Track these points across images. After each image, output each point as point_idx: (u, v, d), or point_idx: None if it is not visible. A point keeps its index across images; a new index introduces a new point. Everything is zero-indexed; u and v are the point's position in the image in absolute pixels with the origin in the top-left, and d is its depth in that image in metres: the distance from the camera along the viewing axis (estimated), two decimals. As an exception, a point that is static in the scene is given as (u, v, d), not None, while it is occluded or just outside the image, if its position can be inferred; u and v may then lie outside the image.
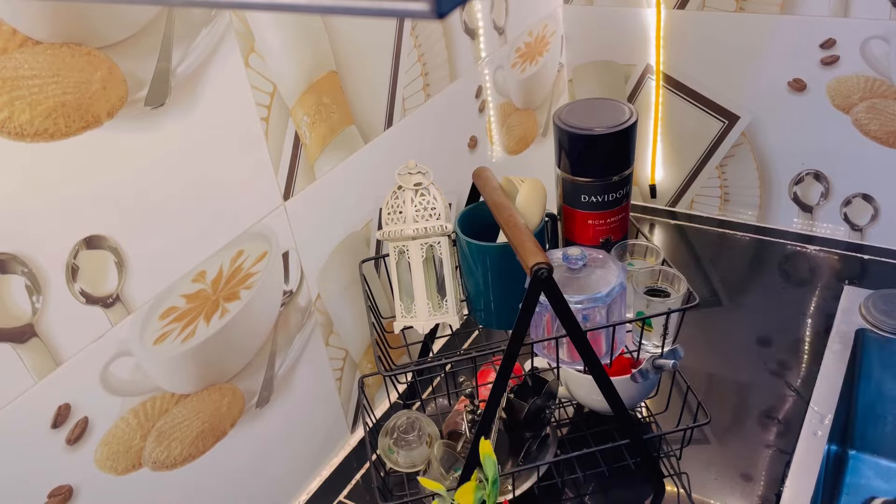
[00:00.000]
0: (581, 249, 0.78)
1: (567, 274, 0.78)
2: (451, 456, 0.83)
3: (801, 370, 1.02)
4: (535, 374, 0.88)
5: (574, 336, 0.71)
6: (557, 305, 0.68)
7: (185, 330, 0.74)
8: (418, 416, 0.88)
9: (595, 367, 0.74)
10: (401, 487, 0.90)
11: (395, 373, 0.81)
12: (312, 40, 0.82)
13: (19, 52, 0.55)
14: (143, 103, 0.65)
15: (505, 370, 0.72)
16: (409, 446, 0.86)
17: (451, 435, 0.88)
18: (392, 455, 0.86)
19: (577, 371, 0.89)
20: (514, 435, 0.87)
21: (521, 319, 0.68)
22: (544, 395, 0.84)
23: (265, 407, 0.87)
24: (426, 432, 0.86)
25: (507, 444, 0.87)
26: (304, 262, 0.88)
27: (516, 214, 0.74)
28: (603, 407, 0.82)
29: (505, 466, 0.86)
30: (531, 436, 0.86)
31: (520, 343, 0.70)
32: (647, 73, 1.29)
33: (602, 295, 0.76)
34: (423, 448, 0.86)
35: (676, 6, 1.19)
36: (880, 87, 1.10)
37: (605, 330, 0.78)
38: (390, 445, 0.86)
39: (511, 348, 0.70)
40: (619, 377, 0.84)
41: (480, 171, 0.84)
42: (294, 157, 0.82)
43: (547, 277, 0.65)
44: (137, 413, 0.71)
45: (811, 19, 1.10)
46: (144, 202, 0.68)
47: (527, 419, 0.84)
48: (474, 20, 1.08)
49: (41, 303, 0.61)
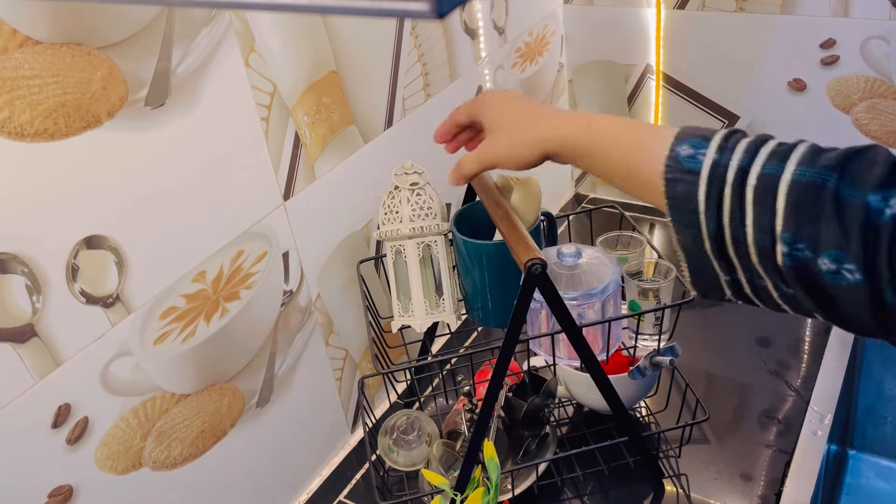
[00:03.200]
0: (576, 246, 0.79)
1: (562, 271, 0.78)
2: (451, 455, 0.83)
3: (801, 370, 1.02)
4: (534, 372, 0.88)
5: (569, 331, 0.71)
6: (551, 301, 0.68)
7: (185, 330, 0.74)
8: (418, 415, 0.88)
9: (591, 363, 0.74)
10: (400, 487, 0.90)
11: (392, 371, 0.81)
12: (312, 40, 0.82)
13: (19, 52, 0.55)
14: (144, 103, 0.65)
15: (500, 367, 0.72)
16: (408, 446, 0.86)
17: (451, 434, 0.88)
18: (392, 454, 0.86)
19: (574, 368, 0.89)
20: (513, 434, 0.87)
21: (515, 316, 0.69)
22: (543, 393, 0.84)
23: (265, 407, 0.87)
24: (426, 431, 0.87)
25: (506, 442, 0.87)
26: (304, 262, 0.88)
27: (511, 212, 0.74)
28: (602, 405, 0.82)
29: (504, 465, 0.86)
30: (530, 434, 0.86)
31: (515, 340, 0.70)
32: (647, 73, 1.29)
33: (597, 291, 0.76)
34: (422, 447, 0.86)
35: (676, 6, 1.19)
36: (880, 87, 1.10)
37: (600, 326, 0.78)
38: (390, 445, 0.86)
39: (506, 345, 0.70)
40: (617, 375, 0.84)
41: None
42: (294, 157, 0.82)
43: (541, 273, 0.66)
44: (137, 413, 0.71)
45: (811, 19, 1.10)
46: (144, 202, 0.68)
47: (525, 418, 0.84)
48: (474, 20, 1.08)
49: (41, 303, 0.61)
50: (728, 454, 0.92)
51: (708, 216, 0.52)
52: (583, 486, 0.90)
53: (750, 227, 0.50)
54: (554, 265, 0.78)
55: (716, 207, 0.51)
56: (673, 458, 0.92)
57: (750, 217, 0.50)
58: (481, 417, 0.74)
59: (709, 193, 0.52)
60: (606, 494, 0.89)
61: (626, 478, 0.89)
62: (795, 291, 0.50)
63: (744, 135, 0.53)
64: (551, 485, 0.87)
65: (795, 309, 0.52)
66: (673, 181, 0.53)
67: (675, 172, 0.53)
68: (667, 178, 0.54)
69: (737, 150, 0.51)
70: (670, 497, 0.87)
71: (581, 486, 0.90)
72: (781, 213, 0.48)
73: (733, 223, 0.51)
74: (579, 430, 0.95)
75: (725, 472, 0.89)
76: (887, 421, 1.17)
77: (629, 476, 0.89)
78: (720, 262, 0.53)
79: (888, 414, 1.16)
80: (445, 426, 0.89)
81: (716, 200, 0.51)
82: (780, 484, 0.87)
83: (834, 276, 0.47)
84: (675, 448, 0.92)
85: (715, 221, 0.52)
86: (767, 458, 0.91)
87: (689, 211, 0.53)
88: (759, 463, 0.90)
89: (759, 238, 0.50)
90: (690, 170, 0.53)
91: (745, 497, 0.86)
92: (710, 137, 0.53)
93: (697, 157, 0.53)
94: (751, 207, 0.50)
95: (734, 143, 0.52)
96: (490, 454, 0.72)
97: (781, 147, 0.51)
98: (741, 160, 0.51)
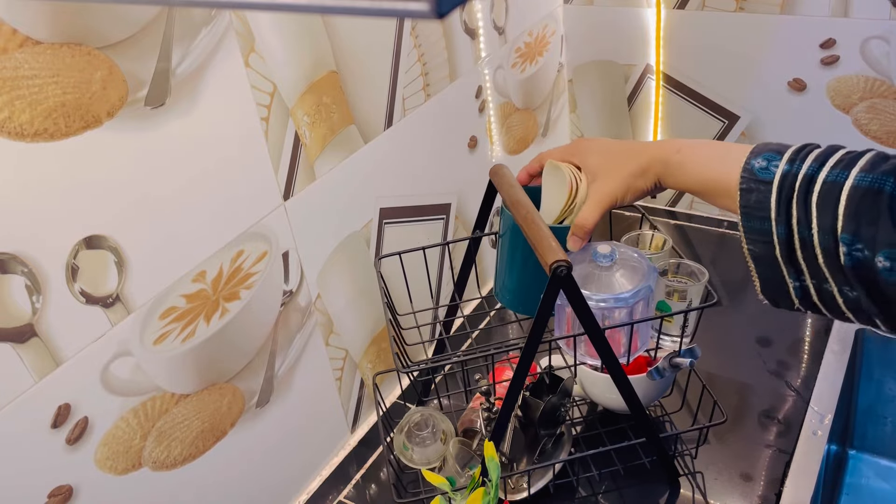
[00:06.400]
0: (611, 246, 0.76)
1: (595, 271, 0.76)
2: (467, 453, 0.83)
3: (801, 370, 1.02)
4: (551, 372, 0.88)
5: (592, 334, 0.71)
6: (576, 304, 0.68)
7: (185, 330, 0.74)
8: (432, 412, 0.88)
9: (613, 367, 0.74)
10: (415, 485, 0.90)
11: (412, 369, 0.81)
12: (312, 40, 0.82)
13: (19, 52, 0.55)
14: (143, 103, 0.65)
15: (523, 367, 0.71)
16: (423, 443, 0.86)
17: (467, 433, 0.88)
18: (406, 451, 0.86)
19: (593, 368, 0.88)
20: (530, 433, 0.87)
21: (539, 317, 0.68)
22: (559, 393, 0.83)
23: (265, 407, 0.87)
24: (440, 429, 0.87)
25: (522, 441, 0.86)
26: (304, 262, 0.88)
27: (534, 211, 0.73)
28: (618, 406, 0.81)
29: (520, 464, 0.86)
30: (546, 434, 0.86)
31: (538, 341, 0.69)
32: (647, 73, 1.29)
33: (627, 296, 0.73)
34: (437, 444, 0.86)
35: (676, 6, 1.19)
36: (880, 87, 1.10)
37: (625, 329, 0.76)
38: (404, 442, 0.86)
39: (529, 345, 0.70)
40: (636, 375, 0.83)
41: (497, 169, 0.84)
42: (294, 156, 0.82)
43: (566, 276, 0.65)
44: (137, 413, 0.71)
45: (811, 19, 1.10)
46: (144, 202, 0.68)
47: (542, 417, 0.83)
48: (474, 20, 1.08)
49: (41, 303, 0.61)
50: (728, 454, 0.92)
51: (778, 221, 0.57)
52: (598, 485, 0.90)
53: (815, 229, 0.55)
54: (588, 264, 0.76)
55: (785, 213, 0.57)
56: (688, 457, 0.91)
57: (815, 220, 0.55)
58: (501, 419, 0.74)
59: (779, 200, 0.57)
60: (621, 493, 0.89)
61: (641, 477, 0.89)
62: (858, 293, 0.54)
63: (815, 147, 0.59)
64: (566, 484, 0.87)
65: (859, 315, 0.57)
66: (747, 191, 0.59)
67: (750, 182, 0.59)
68: (742, 188, 0.59)
69: (807, 161, 0.57)
70: (685, 497, 0.87)
71: (596, 485, 0.90)
72: (842, 216, 0.53)
73: (801, 227, 0.56)
74: (594, 429, 0.95)
75: (725, 472, 0.89)
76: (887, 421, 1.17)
77: (644, 475, 0.89)
78: (789, 268, 0.58)
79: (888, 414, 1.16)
80: (461, 424, 0.89)
81: (785, 206, 0.57)
82: (780, 484, 0.87)
83: (889, 272, 0.52)
84: (691, 449, 0.92)
85: (784, 226, 0.57)
86: (767, 458, 0.90)
87: (761, 218, 0.58)
88: (759, 463, 0.90)
89: (823, 239, 0.55)
90: (763, 180, 0.58)
91: (745, 497, 0.86)
92: (783, 151, 0.59)
93: (770, 168, 0.58)
94: (815, 211, 0.55)
95: (805, 155, 0.58)
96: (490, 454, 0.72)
97: (848, 155, 0.56)
98: (809, 169, 0.56)
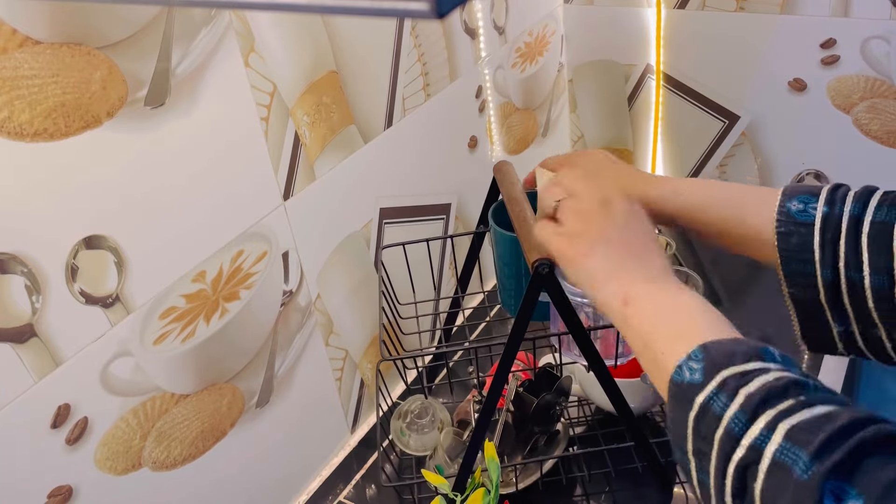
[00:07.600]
0: None
1: None
2: (458, 444, 0.84)
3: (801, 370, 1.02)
4: (550, 369, 0.88)
5: (575, 333, 0.71)
6: (558, 302, 0.68)
7: (185, 330, 0.74)
8: (432, 401, 0.90)
9: (596, 364, 0.74)
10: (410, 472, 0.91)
11: (402, 357, 0.82)
12: (312, 40, 0.82)
13: (19, 52, 0.55)
14: (143, 103, 0.65)
15: (505, 364, 0.71)
16: (421, 430, 0.87)
17: (461, 423, 0.89)
18: (404, 438, 0.87)
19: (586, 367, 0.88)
20: (523, 429, 0.87)
21: (521, 315, 0.69)
22: (555, 391, 0.84)
23: (265, 407, 0.87)
24: (438, 418, 0.88)
25: (513, 437, 0.87)
26: (304, 262, 0.88)
27: (527, 210, 0.73)
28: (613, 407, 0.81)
29: (511, 459, 0.86)
30: (539, 431, 0.86)
31: (520, 338, 0.70)
32: (647, 73, 1.29)
33: None
34: (434, 433, 0.88)
35: (676, 6, 1.19)
36: (880, 86, 1.10)
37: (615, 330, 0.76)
38: (403, 428, 0.87)
39: (511, 342, 0.70)
40: (631, 379, 0.83)
41: (501, 166, 0.84)
42: (294, 156, 0.82)
43: (548, 273, 0.65)
44: (137, 413, 0.71)
45: (811, 19, 1.10)
46: (144, 202, 0.68)
47: (535, 414, 0.83)
48: (474, 20, 1.08)
49: (41, 303, 0.61)
50: (728, 454, 0.91)
51: (823, 264, 0.55)
52: (589, 486, 0.89)
53: (867, 271, 0.53)
54: None
55: (831, 255, 0.54)
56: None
57: (866, 261, 0.53)
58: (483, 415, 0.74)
59: (823, 242, 0.55)
60: (613, 496, 0.88)
61: (633, 481, 0.89)
62: None
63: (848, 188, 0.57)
64: (556, 482, 0.87)
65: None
66: (786, 234, 0.56)
67: (789, 226, 0.56)
68: (779, 232, 0.57)
69: (847, 201, 0.55)
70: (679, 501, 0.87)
71: (587, 485, 0.90)
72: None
73: (848, 269, 0.54)
74: (593, 430, 0.95)
75: (725, 473, 0.89)
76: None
77: (637, 479, 0.88)
78: (833, 313, 0.56)
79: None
80: (457, 415, 0.90)
81: (831, 248, 0.54)
82: (781, 484, 0.86)
83: None
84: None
85: (830, 269, 0.54)
86: (767, 459, 0.90)
87: (804, 261, 0.56)
88: (760, 463, 0.90)
89: (876, 280, 0.53)
90: (804, 222, 0.56)
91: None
92: (818, 193, 0.57)
93: (808, 210, 0.56)
94: (866, 252, 0.53)
95: (842, 195, 0.56)
96: (490, 454, 0.72)
97: (891, 194, 0.54)
98: (853, 209, 0.54)
